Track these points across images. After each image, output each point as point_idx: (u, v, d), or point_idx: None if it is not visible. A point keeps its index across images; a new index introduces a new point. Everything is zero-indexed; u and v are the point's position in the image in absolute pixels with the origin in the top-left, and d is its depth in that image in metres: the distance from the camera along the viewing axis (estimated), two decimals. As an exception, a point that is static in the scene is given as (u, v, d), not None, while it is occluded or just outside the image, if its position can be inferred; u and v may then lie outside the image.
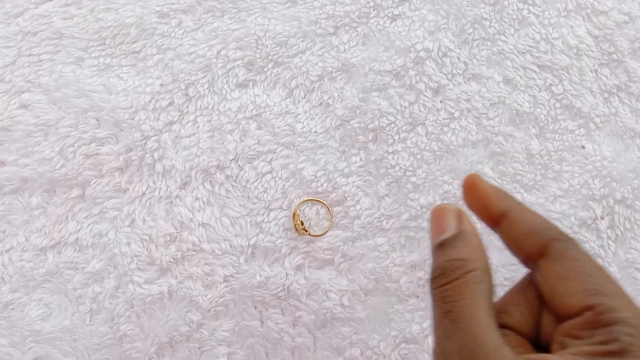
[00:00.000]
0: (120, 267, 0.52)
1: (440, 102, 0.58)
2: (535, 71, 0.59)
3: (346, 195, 0.55)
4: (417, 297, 0.54)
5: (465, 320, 0.25)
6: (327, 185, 0.55)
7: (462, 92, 0.58)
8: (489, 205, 0.32)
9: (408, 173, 0.56)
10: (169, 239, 0.53)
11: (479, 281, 0.28)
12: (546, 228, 0.29)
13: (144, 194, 0.54)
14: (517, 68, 0.59)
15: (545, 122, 0.58)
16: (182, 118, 0.56)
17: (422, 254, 0.54)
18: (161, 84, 0.56)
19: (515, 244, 0.31)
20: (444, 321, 0.27)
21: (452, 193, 0.56)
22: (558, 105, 0.58)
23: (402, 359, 0.53)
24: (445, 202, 0.56)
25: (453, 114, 0.58)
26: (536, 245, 0.29)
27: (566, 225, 0.55)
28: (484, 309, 0.26)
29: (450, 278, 0.28)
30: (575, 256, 0.27)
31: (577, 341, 0.25)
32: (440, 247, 0.30)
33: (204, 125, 0.56)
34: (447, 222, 0.31)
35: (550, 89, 0.58)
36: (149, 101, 0.56)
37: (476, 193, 0.33)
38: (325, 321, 0.53)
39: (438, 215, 0.32)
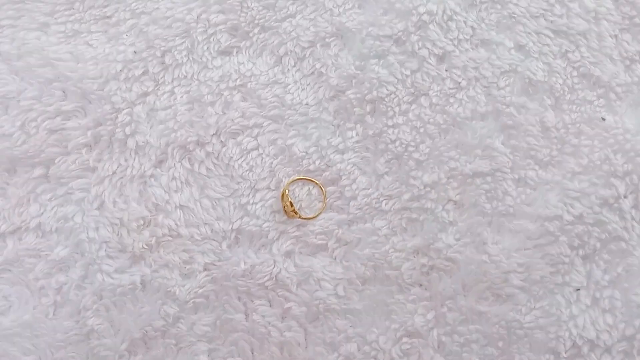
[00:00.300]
0: (88, 255, 0.46)
1: (446, 70, 0.52)
2: (549, 36, 0.53)
3: (341, 174, 0.49)
4: (420, 285, 0.48)
5: None
6: (319, 163, 0.49)
7: (470, 59, 0.52)
8: None
9: (410, 149, 0.50)
10: (142, 223, 0.47)
11: None
12: None
13: (114, 173, 0.48)
14: (529, 33, 0.53)
15: (562, 92, 0.51)
16: (158, 89, 0.50)
17: (425, 238, 0.48)
18: (134, 52, 0.50)
19: None
20: None
21: (459, 170, 0.50)
22: (575, 73, 0.52)
23: (403, 354, 0.47)
24: (451, 180, 0.50)
25: (460, 83, 0.52)
26: None
27: (586, 205, 0.49)
28: None
29: None
30: None
31: None
32: None
33: (182, 97, 0.50)
34: None
35: (567, 56, 0.51)
36: (121, 70, 0.50)
37: None
38: (317, 313, 0.47)
39: None
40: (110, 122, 0.49)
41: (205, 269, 0.47)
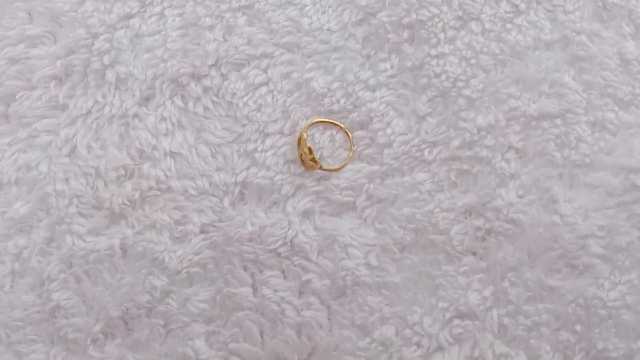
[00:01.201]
0: (55, 212, 0.36)
1: (500, -9, 0.41)
2: None
3: (372, 115, 0.39)
4: (475, 254, 0.37)
5: None
6: (345, 102, 0.39)
7: (529, -22, 0.41)
8: None
9: (459, 84, 0.39)
10: (123, 173, 0.37)
11: None
12: None
13: (89, 112, 0.38)
14: None
15: (644, 19, 0.40)
16: (144, 10, 0.39)
17: (480, 195, 0.38)
18: (116, -33, 0.39)
19: None
20: None
21: (521, 110, 0.39)
22: (659, -2, 0.41)
23: (454, 340, 0.36)
24: (512, 122, 0.39)
25: (518, 6, 0.41)
26: None
27: (680, 156, 0.38)
28: None
29: None
30: None
31: None
32: None
33: (173, 20, 0.39)
34: None
35: (648, -22, 0.40)
36: (99, -11, 0.39)
37: None
38: (344, 288, 0.36)
39: None
40: (85, 49, 0.38)
41: (202, 231, 0.37)
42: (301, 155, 0.37)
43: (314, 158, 0.37)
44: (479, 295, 0.37)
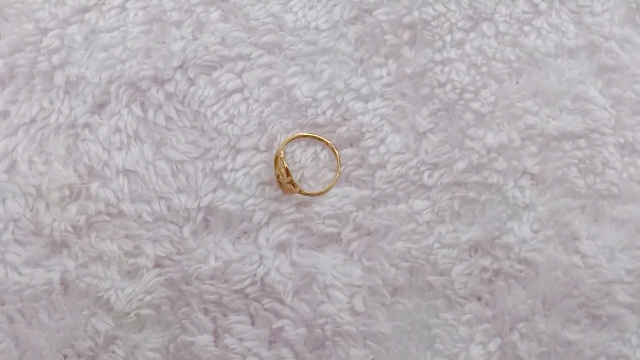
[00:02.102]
0: (-13, 239, 0.28)
1: (517, -13, 0.32)
2: None
3: (363, 130, 0.30)
4: (480, 299, 0.28)
5: None
6: (332, 114, 0.30)
7: (551, -26, 0.32)
8: None
9: (467, 95, 0.30)
10: (67, 193, 0.28)
11: None
12: None
13: (33, 120, 0.29)
14: None
15: (682, 24, 0.31)
16: (103, 3, 0.31)
17: (488, 229, 0.29)
18: (74, -48, 0.30)
19: None
20: None
21: (539, 129, 0.30)
22: (700, -1, 0.31)
23: (453, 406, 0.27)
24: (528, 142, 0.30)
25: (538, 5, 0.31)
26: None
27: None
28: None
29: None
30: None
31: None
32: None
33: (136, 14, 0.30)
34: None
35: (686, -24, 0.31)
36: (53, -24, 0.30)
37: None
38: (323, 338, 0.27)
39: None
40: (32, 47, 0.30)
41: (157, 266, 0.28)
42: (278, 176, 0.29)
43: (292, 180, 0.28)
44: (483, 350, 0.28)
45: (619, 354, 0.27)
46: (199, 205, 0.28)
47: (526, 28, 0.31)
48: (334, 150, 0.29)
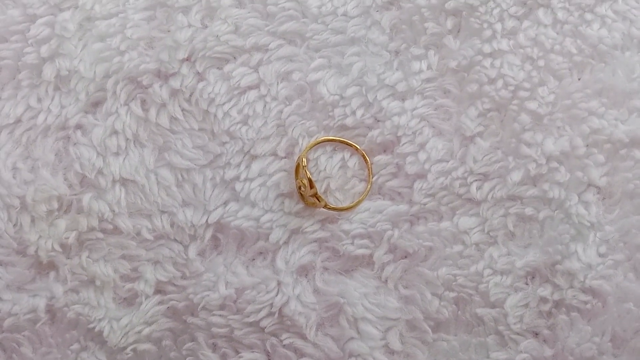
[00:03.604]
0: (-36, 258, 0.23)
1: (578, -32, 0.27)
2: None
3: (400, 134, 0.25)
4: (537, 335, 0.24)
5: None
6: (363, 115, 0.25)
7: (616, -48, 0.27)
8: None
9: (522, 94, 0.25)
10: (56, 206, 0.24)
11: None
12: None
13: (18, 121, 0.25)
14: None
15: None
16: (99, -15, 0.26)
17: (548, 252, 0.24)
18: None
19: None
20: None
21: (607, 134, 0.25)
22: None
23: None
24: (593, 149, 0.25)
25: (602, -11, 0.27)
26: None
27: None
28: None
29: None
30: None
31: None
32: None
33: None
34: None
35: None
36: (43, -45, 0.26)
37: None
38: None
39: None
40: (18, 36, 0.25)
41: (157, 292, 0.24)
42: (299, 187, 0.24)
43: (316, 193, 0.24)
44: (543, 395, 0.23)
45: None
46: (207, 221, 0.24)
47: (588, 16, 0.26)
48: (364, 157, 0.24)
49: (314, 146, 0.24)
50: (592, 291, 0.23)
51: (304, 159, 0.23)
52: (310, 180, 0.23)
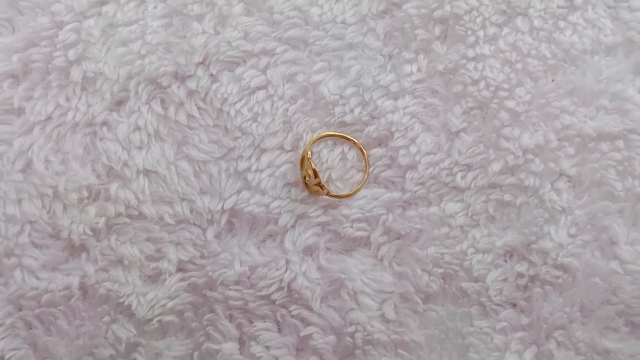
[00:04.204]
0: (3, 241, 0.26)
1: (552, -20, 0.30)
2: None
3: (393, 130, 0.28)
4: (515, 306, 0.27)
5: None
6: (360, 112, 0.28)
7: (587, -34, 0.30)
8: None
9: (501, 94, 0.28)
10: (86, 195, 0.27)
11: None
12: None
13: (49, 118, 0.27)
14: None
15: None
16: (121, -6, 0.29)
17: (524, 233, 0.27)
18: (91, -58, 0.29)
19: None
20: None
21: (577, 129, 0.28)
22: None
23: (488, 418, 0.26)
24: (565, 143, 0.28)
25: (573, 0, 0.30)
26: None
27: None
28: None
29: None
30: None
31: None
32: None
33: (155, 7, 0.29)
34: None
35: None
36: (69, -33, 0.29)
37: None
38: (352, 347, 0.26)
39: None
40: (48, 42, 0.28)
41: (179, 270, 0.26)
42: (304, 177, 0.27)
43: (319, 182, 0.27)
44: (519, 358, 0.27)
45: (660, 364, 0.26)
46: (222, 207, 0.26)
47: (561, 24, 0.29)
48: (362, 150, 0.27)
49: (317, 140, 0.27)
50: (563, 267, 0.26)
51: (309, 152, 0.26)
52: (314, 171, 0.25)
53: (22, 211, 0.26)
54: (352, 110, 0.27)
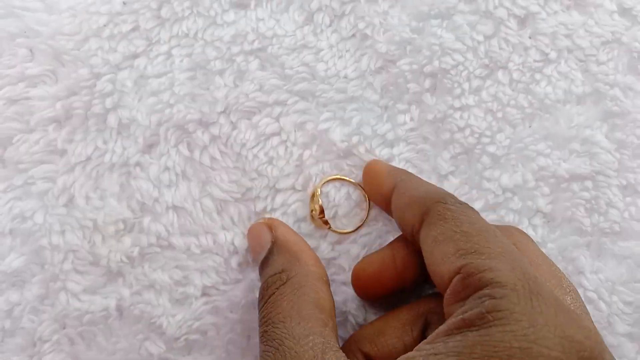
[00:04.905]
0: (49, 268, 0.30)
1: (530, 37, 0.34)
2: None
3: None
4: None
5: (279, 338, 0.20)
6: (364, 159, 0.32)
7: (560, 24, 0.34)
8: (381, 184, 0.26)
9: (484, 139, 0.33)
10: (122, 227, 0.31)
11: (298, 286, 0.22)
12: (430, 192, 0.23)
13: (89, 158, 0.32)
14: None
15: (681, 71, 0.34)
16: (151, 50, 0.33)
17: (503, 263, 0.31)
18: (124, 2, 0.33)
19: (400, 218, 0.24)
20: (262, 347, 0.21)
21: (551, 171, 0.32)
22: (698, 48, 0.34)
23: None
24: (540, 183, 0.33)
25: (548, 54, 0.34)
26: (418, 212, 0.22)
27: None
28: (304, 315, 0.20)
29: (267, 296, 0.22)
30: (456, 216, 0.21)
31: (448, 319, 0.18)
32: (260, 267, 0.25)
33: (181, 61, 0.33)
34: (262, 237, 0.26)
35: (685, 26, 0.33)
36: (105, 25, 0.33)
37: (372, 177, 0.28)
38: None
39: (252, 233, 0.27)
40: (87, 91, 0.32)
41: (204, 294, 0.31)
42: (312, 211, 0.31)
43: (323, 217, 0.31)
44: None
45: (619, 378, 0.30)
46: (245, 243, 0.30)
47: (537, 76, 0.33)
48: (363, 190, 0.31)
49: (326, 182, 0.31)
50: (536, 293, 0.31)
51: (319, 190, 0.30)
52: (321, 207, 0.30)
53: (66, 241, 0.30)
54: (361, 158, 0.31)
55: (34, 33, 0.32)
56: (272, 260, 0.24)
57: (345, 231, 0.30)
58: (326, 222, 0.29)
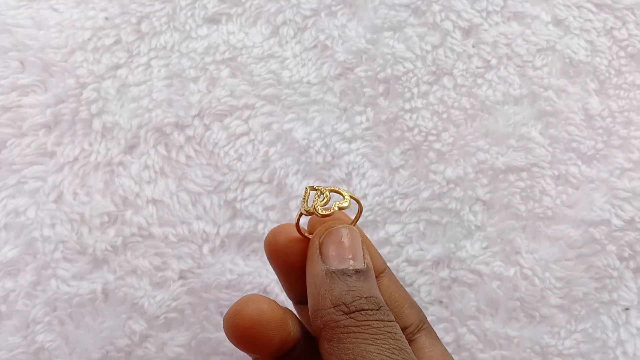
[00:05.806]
0: (41, 257, 0.34)
1: (473, 46, 0.39)
2: (592, 11, 0.39)
3: (350, 169, 0.36)
4: (441, 302, 0.35)
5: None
6: (324, 153, 0.37)
7: (501, 34, 0.39)
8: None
9: (430, 137, 0.37)
10: (106, 219, 0.35)
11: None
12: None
13: (76, 159, 0.35)
14: (569, 6, 0.39)
15: (607, 74, 0.38)
16: (131, 61, 0.37)
17: (447, 246, 0.36)
18: (106, 17, 0.37)
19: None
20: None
21: (489, 164, 0.37)
22: (622, 54, 0.39)
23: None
24: (480, 175, 0.37)
25: (489, 61, 0.39)
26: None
27: (638, 208, 0.36)
28: None
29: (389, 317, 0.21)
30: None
31: None
32: (358, 274, 0.22)
33: (159, 71, 0.37)
34: (357, 249, 0.23)
35: (611, 34, 0.39)
36: (89, 39, 0.37)
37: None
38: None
39: (339, 236, 0.23)
40: (74, 98, 0.36)
41: (181, 277, 0.35)
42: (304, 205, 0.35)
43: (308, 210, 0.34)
44: (443, 341, 0.35)
45: (549, 345, 0.34)
46: (218, 231, 0.34)
47: (479, 80, 0.38)
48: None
49: (312, 190, 0.35)
50: (477, 272, 0.35)
51: (328, 193, 0.33)
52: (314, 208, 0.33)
53: (56, 233, 0.33)
54: (318, 151, 0.36)
55: (24, 47, 0.35)
56: (369, 280, 0.22)
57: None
58: (309, 212, 0.33)
